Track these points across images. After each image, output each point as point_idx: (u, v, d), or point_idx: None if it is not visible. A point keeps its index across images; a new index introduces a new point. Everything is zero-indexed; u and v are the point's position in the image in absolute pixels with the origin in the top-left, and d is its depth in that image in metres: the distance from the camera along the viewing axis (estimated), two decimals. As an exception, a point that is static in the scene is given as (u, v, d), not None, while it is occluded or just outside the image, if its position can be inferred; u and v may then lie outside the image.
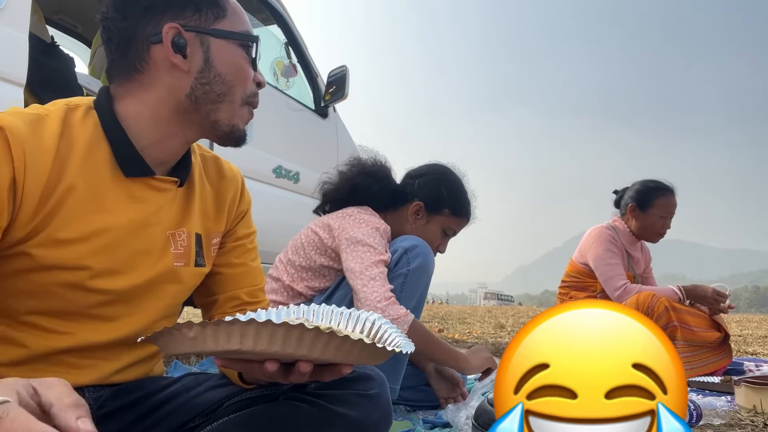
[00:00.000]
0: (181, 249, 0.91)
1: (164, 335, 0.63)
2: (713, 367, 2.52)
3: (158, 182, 0.88)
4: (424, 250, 1.60)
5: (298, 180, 3.11)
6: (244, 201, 1.04)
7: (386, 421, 0.91)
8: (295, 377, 0.69)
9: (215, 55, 0.86)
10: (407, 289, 1.55)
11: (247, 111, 0.90)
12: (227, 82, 0.86)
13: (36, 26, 2.22)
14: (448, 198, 1.75)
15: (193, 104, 0.86)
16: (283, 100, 3.08)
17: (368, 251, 1.52)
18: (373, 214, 1.66)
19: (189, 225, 0.92)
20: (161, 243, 0.88)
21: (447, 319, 8.06)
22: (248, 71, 0.88)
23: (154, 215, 0.87)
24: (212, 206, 0.97)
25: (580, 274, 2.82)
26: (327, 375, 0.71)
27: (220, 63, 0.86)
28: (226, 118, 0.87)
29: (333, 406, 0.84)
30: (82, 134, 0.80)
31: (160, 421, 0.89)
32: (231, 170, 1.03)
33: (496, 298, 75.88)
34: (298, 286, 1.67)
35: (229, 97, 0.87)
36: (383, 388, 0.91)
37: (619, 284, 2.60)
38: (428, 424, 1.52)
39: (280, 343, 0.61)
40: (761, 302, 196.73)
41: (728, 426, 1.54)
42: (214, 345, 0.61)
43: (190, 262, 0.92)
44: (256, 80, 0.90)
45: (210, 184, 0.98)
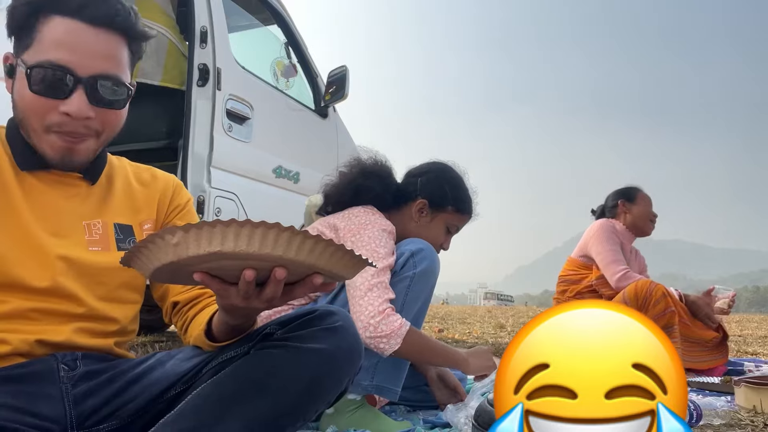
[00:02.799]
0: (96, 236, 0.99)
1: (146, 246, 0.66)
2: (706, 365, 2.54)
3: (58, 176, 0.96)
4: (430, 253, 1.60)
5: (298, 180, 3.11)
6: (180, 196, 1.13)
7: (357, 351, 0.94)
8: (270, 289, 0.73)
9: (15, 84, 0.92)
10: (412, 292, 1.55)
11: (57, 138, 0.90)
12: (19, 112, 0.91)
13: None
14: (451, 195, 1.76)
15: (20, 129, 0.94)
16: (283, 100, 3.08)
17: (374, 254, 1.52)
18: (378, 215, 1.66)
19: (106, 216, 1.01)
20: (76, 229, 0.97)
21: (447, 319, 8.06)
22: (35, 103, 0.88)
23: (61, 204, 0.96)
24: (142, 200, 1.07)
25: (577, 267, 2.88)
26: (299, 290, 0.76)
27: (16, 92, 0.91)
28: (36, 144, 0.92)
29: (302, 344, 0.88)
30: None
31: (140, 393, 0.93)
32: (165, 176, 1.14)
33: (496, 299, 75.89)
34: None
35: (27, 125, 0.91)
36: (347, 320, 0.94)
37: (619, 268, 2.66)
38: (428, 424, 1.52)
39: (258, 243, 0.64)
40: (761, 302, 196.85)
41: (728, 426, 1.54)
42: (197, 248, 0.63)
43: (110, 247, 0.99)
44: (62, 110, 0.88)
45: (140, 185, 1.09)
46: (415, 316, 1.58)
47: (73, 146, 0.91)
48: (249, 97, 2.70)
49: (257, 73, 2.87)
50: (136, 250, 0.68)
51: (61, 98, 0.88)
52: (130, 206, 1.06)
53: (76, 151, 0.92)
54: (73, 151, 0.92)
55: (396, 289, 1.54)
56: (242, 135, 2.69)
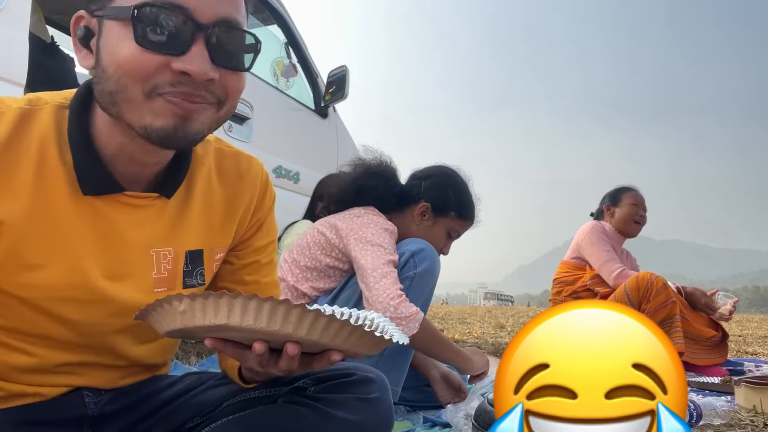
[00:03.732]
0: (165, 273, 0.81)
1: (155, 309, 0.64)
2: (704, 362, 2.56)
3: (129, 198, 0.76)
4: (431, 253, 1.61)
5: (298, 180, 3.10)
6: (263, 207, 0.92)
7: (387, 426, 0.88)
8: (284, 362, 0.68)
9: (103, 42, 0.68)
10: (413, 292, 1.56)
11: (163, 104, 0.67)
12: (112, 77, 0.67)
13: (36, 26, 2.23)
14: (454, 200, 1.76)
15: (104, 109, 0.71)
16: (283, 100, 3.08)
17: (379, 250, 1.53)
18: (379, 215, 1.67)
19: (179, 243, 0.82)
20: (139, 264, 0.79)
21: (447, 319, 8.05)
22: (138, 59, 0.65)
23: (124, 234, 0.77)
24: (220, 215, 0.86)
25: (570, 268, 2.93)
26: (317, 364, 0.69)
27: (104, 53, 0.67)
28: (133, 119, 0.68)
29: (332, 410, 0.82)
30: (37, 142, 0.70)
31: (161, 421, 0.89)
32: (251, 169, 0.90)
33: (496, 298, 75.83)
34: (303, 287, 1.67)
35: (121, 94, 0.67)
36: (384, 392, 0.89)
37: (615, 266, 2.70)
38: (428, 424, 1.52)
39: (266, 319, 0.61)
40: (761, 302, 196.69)
41: (728, 426, 1.54)
42: (202, 319, 0.61)
43: (175, 285, 0.83)
44: (176, 67, 0.65)
45: (222, 188, 0.87)
46: (416, 316, 1.59)
47: (190, 114, 0.68)
48: (249, 97, 2.70)
49: (257, 73, 2.86)
50: (149, 311, 0.65)
51: (176, 54, 0.65)
52: (206, 224, 0.85)
53: (192, 121, 0.68)
54: (189, 121, 0.68)
55: None
56: (242, 135, 2.69)
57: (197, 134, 0.70)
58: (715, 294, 2.78)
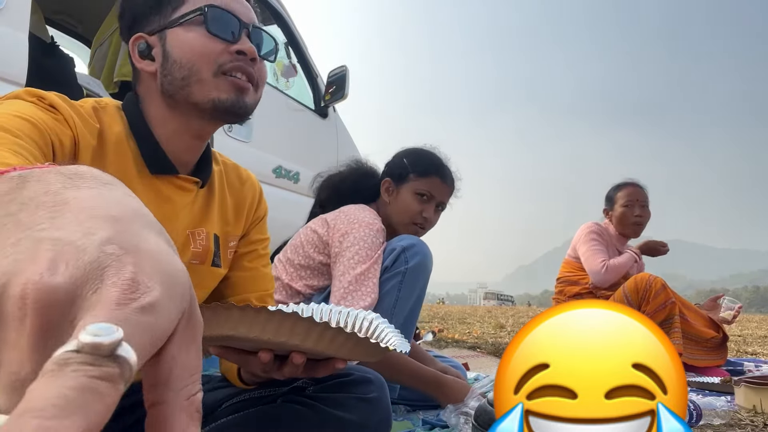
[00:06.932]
0: (200, 248, 0.94)
1: None
2: (703, 363, 2.56)
3: (182, 181, 0.91)
4: (423, 248, 1.61)
5: (298, 180, 3.11)
6: (261, 207, 1.08)
7: (385, 425, 0.90)
8: (288, 369, 0.70)
9: (170, 44, 0.87)
10: (405, 288, 1.55)
11: (226, 81, 0.87)
12: (185, 65, 0.86)
13: (36, 26, 2.22)
14: (408, 163, 1.78)
15: (170, 98, 0.88)
16: (283, 100, 3.08)
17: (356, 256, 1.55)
18: (369, 211, 1.68)
19: (209, 226, 0.95)
20: (182, 240, 0.91)
21: (447, 319, 8.05)
22: (208, 45, 0.86)
23: (177, 213, 0.90)
24: (232, 210, 1.01)
25: (573, 268, 2.91)
26: (321, 370, 0.71)
27: (175, 50, 0.87)
28: (203, 95, 0.86)
29: (331, 410, 0.84)
30: (112, 131, 0.85)
31: None
32: (250, 177, 1.08)
33: (496, 298, 75.84)
34: (297, 285, 1.67)
35: (194, 77, 0.86)
36: (383, 391, 0.90)
37: (599, 261, 2.71)
38: (428, 425, 1.52)
39: (273, 331, 0.61)
40: (761, 302, 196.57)
41: (728, 426, 1.54)
42: (208, 330, 0.61)
43: (206, 261, 0.94)
44: (233, 49, 0.87)
45: (230, 190, 1.02)
46: (409, 312, 1.59)
47: (244, 90, 0.88)
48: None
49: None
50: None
51: (232, 41, 0.87)
52: (222, 215, 1.00)
53: (247, 95, 0.89)
54: (245, 92, 0.89)
55: (389, 285, 1.55)
56: (242, 135, 2.69)
57: (249, 106, 0.90)
58: (721, 299, 2.79)
